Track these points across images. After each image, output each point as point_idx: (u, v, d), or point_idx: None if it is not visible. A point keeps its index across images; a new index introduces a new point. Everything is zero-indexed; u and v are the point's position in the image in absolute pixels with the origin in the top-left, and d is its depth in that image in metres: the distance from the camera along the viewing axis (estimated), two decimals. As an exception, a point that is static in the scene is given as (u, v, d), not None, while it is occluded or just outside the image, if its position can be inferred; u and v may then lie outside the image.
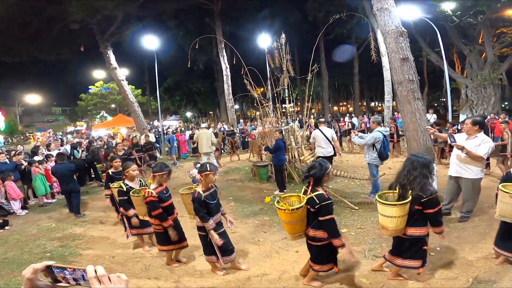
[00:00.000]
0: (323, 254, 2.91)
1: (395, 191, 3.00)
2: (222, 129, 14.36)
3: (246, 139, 13.20)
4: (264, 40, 15.77)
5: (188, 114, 35.82)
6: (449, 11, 13.12)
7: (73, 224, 5.66)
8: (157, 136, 12.26)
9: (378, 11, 5.16)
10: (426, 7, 12.75)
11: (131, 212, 4.08)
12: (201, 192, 3.21)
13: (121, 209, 4.24)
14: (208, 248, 3.37)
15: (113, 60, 13.75)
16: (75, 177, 6.80)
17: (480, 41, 15.24)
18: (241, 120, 18.70)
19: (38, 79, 41.51)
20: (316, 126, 8.98)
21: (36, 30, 11.67)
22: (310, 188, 2.85)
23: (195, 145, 10.21)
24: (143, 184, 4.22)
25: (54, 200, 7.60)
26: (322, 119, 7.79)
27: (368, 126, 12.18)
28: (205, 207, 3.19)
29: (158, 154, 12.45)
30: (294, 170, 7.31)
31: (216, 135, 12.37)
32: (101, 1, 11.31)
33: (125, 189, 4.06)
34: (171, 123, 26.62)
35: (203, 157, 8.82)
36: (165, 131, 14.58)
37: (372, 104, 43.17)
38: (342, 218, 4.79)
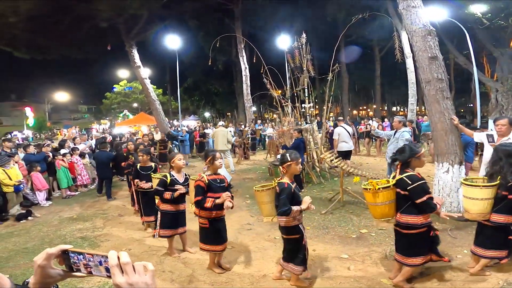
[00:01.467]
0: (418, 243, 2.71)
1: (484, 177, 3.02)
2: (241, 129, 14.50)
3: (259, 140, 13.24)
4: (283, 41, 15.81)
5: (207, 114, 36.33)
6: (478, 13, 12.56)
7: (93, 216, 5.83)
8: (180, 135, 12.50)
9: (404, 9, 5.01)
10: (453, 9, 12.27)
11: (168, 193, 3.68)
12: (291, 184, 2.88)
13: (158, 202, 3.93)
14: (294, 253, 2.93)
15: (137, 59, 14.20)
16: (111, 165, 7.37)
17: (511, 44, 14.48)
18: (259, 121, 18.77)
19: (66, 78, 43.72)
20: (335, 126, 8.90)
21: (67, 29, 12.25)
22: (397, 171, 2.79)
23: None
24: (188, 177, 3.92)
25: (77, 193, 7.85)
26: (341, 118, 7.83)
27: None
28: (291, 201, 2.80)
29: (189, 151, 12.79)
30: (312, 171, 7.20)
31: (241, 132, 12.46)
32: (127, 0, 11.72)
33: (168, 180, 3.71)
34: (190, 123, 27.07)
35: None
36: (178, 130, 14.84)
37: (394, 108, 42.02)
38: (362, 219, 4.70)
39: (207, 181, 3.23)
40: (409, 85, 13.09)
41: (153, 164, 4.88)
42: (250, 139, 12.80)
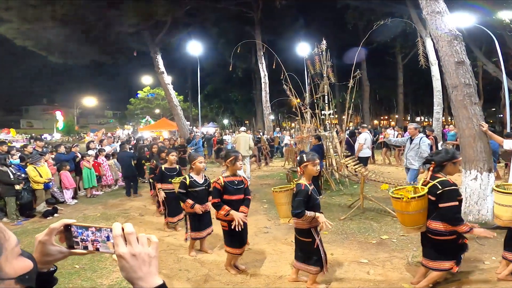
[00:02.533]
0: (447, 249, 2.65)
1: None
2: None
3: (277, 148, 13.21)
4: (302, 48, 15.90)
5: (225, 121, 36.82)
6: (507, 20, 12.07)
7: (116, 215, 6.02)
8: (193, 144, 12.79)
9: (429, 15, 4.98)
10: (481, 15, 11.86)
11: (189, 202, 3.66)
12: (308, 185, 2.83)
13: (183, 205, 3.94)
14: (306, 254, 2.91)
15: (161, 65, 14.76)
16: (133, 163, 8.01)
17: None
18: (277, 129, 18.82)
19: (94, 84, 46.06)
20: (351, 135, 8.80)
21: (96, 35, 13.04)
22: (429, 175, 2.73)
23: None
24: (208, 180, 3.89)
25: (101, 193, 8.16)
26: (364, 125, 7.74)
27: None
28: (307, 203, 2.76)
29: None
30: (331, 178, 7.10)
31: (259, 140, 12.47)
32: (153, 7, 12.33)
33: (187, 182, 3.68)
34: (209, 130, 27.58)
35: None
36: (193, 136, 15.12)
37: (418, 118, 40.67)
38: (383, 226, 4.61)
39: (222, 183, 3.20)
40: (435, 93, 12.68)
41: (177, 166, 4.98)
42: (268, 146, 12.83)
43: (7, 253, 0.57)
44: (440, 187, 2.56)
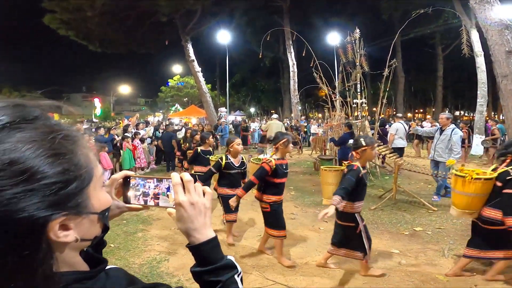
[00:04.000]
0: (499, 238, 2.56)
1: None
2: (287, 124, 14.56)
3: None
4: (332, 38, 15.45)
5: (252, 110, 36.99)
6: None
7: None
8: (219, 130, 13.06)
9: (477, 4, 4.80)
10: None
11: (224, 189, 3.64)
12: (361, 168, 2.69)
13: (215, 185, 3.88)
14: (347, 239, 2.87)
15: (192, 53, 15.09)
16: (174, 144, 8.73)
17: None
18: (303, 117, 18.64)
19: (128, 72, 48.39)
20: (382, 125, 8.48)
21: (132, 24, 13.58)
22: (504, 164, 2.62)
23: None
24: (246, 163, 3.85)
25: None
26: (399, 114, 7.42)
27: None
28: (356, 185, 2.63)
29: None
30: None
31: (297, 128, 12.37)
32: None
33: (223, 164, 3.61)
34: (237, 117, 27.85)
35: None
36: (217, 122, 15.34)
37: (457, 112, 38.10)
38: (417, 217, 4.48)
39: (274, 166, 3.01)
40: (479, 85, 11.81)
41: (211, 149, 5.04)
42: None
43: (95, 180, 0.52)
44: None
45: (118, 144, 8.35)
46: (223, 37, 16.44)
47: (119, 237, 4.04)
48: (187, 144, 6.53)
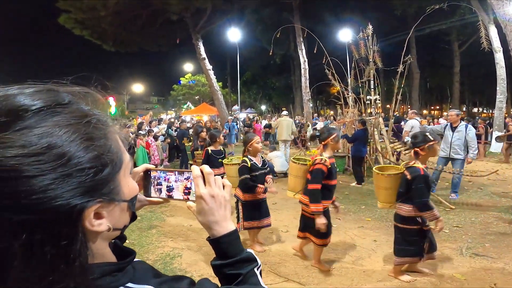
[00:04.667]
0: None
1: None
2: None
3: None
4: (344, 34, 15.23)
5: (263, 107, 36.94)
6: None
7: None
8: (236, 123, 13.12)
9: (495, 0, 4.55)
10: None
11: (261, 187, 3.28)
12: (425, 170, 2.55)
13: (237, 191, 3.46)
14: (416, 244, 2.66)
15: (203, 51, 15.19)
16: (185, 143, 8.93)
17: None
18: (315, 114, 18.49)
19: (141, 71, 49.21)
20: (396, 121, 8.32)
21: (143, 24, 13.80)
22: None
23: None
24: (267, 162, 3.57)
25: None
26: (414, 111, 7.25)
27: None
28: (428, 189, 2.52)
29: (235, 140, 13.28)
30: (375, 164, 6.80)
31: (302, 126, 12.27)
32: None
33: (249, 165, 3.29)
34: (249, 115, 27.86)
35: (281, 145, 8.93)
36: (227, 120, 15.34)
37: (475, 109, 36.89)
38: None
39: (329, 166, 2.77)
40: (498, 81, 11.44)
41: (223, 148, 4.68)
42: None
43: (125, 167, 0.51)
44: None
45: (132, 142, 8.50)
46: (234, 35, 16.48)
47: (133, 233, 4.11)
48: (193, 142, 6.29)
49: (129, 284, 0.49)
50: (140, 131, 8.94)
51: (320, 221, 2.71)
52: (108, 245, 0.53)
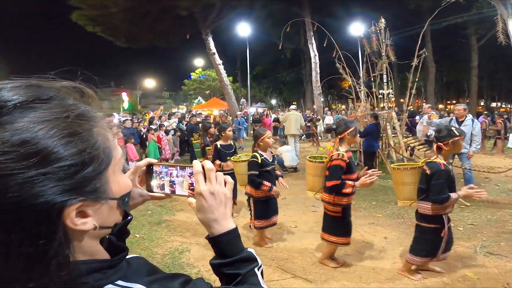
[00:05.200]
0: None
1: None
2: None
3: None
4: (356, 28, 14.95)
5: (273, 101, 36.83)
6: None
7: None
8: (245, 118, 13.11)
9: None
10: None
11: (266, 185, 3.19)
12: (447, 165, 2.46)
13: (248, 189, 3.42)
14: (434, 244, 2.58)
15: (212, 46, 15.20)
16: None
17: None
18: (326, 109, 18.32)
19: (153, 66, 49.82)
20: (410, 116, 8.10)
21: (154, 20, 13.89)
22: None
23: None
24: (276, 157, 3.46)
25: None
26: (429, 105, 7.08)
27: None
28: (450, 185, 2.44)
29: (244, 135, 13.29)
30: (387, 159, 6.67)
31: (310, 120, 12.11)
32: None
33: (259, 161, 3.21)
34: (258, 110, 27.79)
35: (290, 139, 8.87)
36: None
37: (494, 104, 35.67)
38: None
39: (347, 160, 2.68)
40: (517, 76, 10.97)
41: (233, 143, 4.51)
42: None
43: (115, 164, 0.49)
44: None
45: (144, 136, 8.64)
46: (243, 29, 16.38)
47: (144, 227, 4.17)
48: (202, 139, 6.19)
49: (119, 282, 0.48)
50: (151, 126, 9.07)
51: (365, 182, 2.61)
52: (102, 242, 0.53)
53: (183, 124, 10.71)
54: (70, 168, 0.41)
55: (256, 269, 0.64)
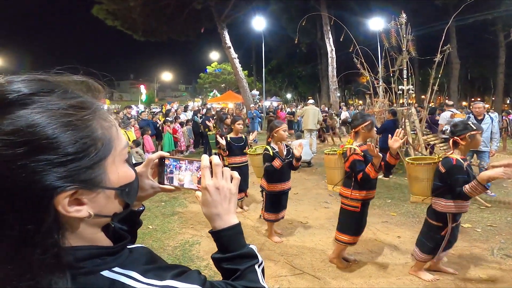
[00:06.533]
0: None
1: None
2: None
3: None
4: (375, 23, 14.52)
5: (288, 96, 36.54)
6: None
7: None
8: (260, 111, 13.11)
9: None
10: None
11: (276, 162, 3.17)
12: (461, 160, 2.37)
13: (262, 182, 3.47)
14: (435, 242, 2.52)
15: (228, 40, 15.22)
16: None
17: None
18: (342, 104, 17.98)
19: (170, 60, 50.60)
20: (431, 113, 7.80)
21: (171, 13, 14.02)
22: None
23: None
24: (291, 151, 3.39)
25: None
26: (451, 102, 6.79)
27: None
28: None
29: (259, 128, 13.29)
30: (404, 156, 6.48)
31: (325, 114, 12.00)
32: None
33: (271, 154, 3.22)
34: (273, 104, 27.66)
35: (306, 134, 8.80)
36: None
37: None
38: (465, 213, 4.02)
39: (362, 153, 2.62)
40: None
41: (244, 136, 4.49)
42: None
43: (115, 154, 0.50)
44: None
45: (160, 128, 8.81)
46: (259, 23, 16.29)
47: (157, 219, 4.24)
48: (218, 129, 6.28)
49: (116, 268, 0.49)
50: (167, 118, 9.23)
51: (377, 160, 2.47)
52: (105, 230, 0.54)
53: (198, 117, 10.82)
54: (64, 156, 0.42)
55: (256, 266, 0.64)
